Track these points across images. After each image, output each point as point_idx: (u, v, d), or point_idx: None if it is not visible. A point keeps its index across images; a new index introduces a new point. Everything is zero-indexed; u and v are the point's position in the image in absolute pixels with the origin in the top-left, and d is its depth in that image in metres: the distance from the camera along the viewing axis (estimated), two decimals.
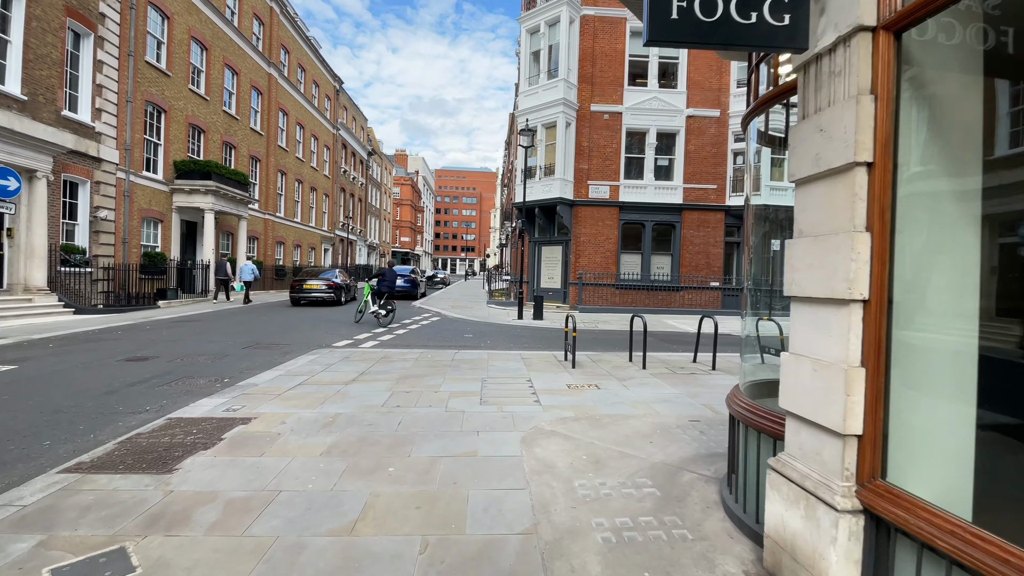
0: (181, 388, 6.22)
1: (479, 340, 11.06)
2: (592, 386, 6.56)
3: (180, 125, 19.40)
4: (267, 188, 26.29)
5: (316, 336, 10.93)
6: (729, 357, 9.07)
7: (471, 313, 16.88)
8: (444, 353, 8.92)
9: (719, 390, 6.55)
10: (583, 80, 18.70)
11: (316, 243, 33.87)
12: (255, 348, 9.20)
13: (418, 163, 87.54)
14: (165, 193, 18.77)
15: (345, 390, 6.12)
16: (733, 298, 18.93)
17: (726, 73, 18.95)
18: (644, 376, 7.34)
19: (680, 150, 18.93)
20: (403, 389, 6.20)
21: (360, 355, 8.55)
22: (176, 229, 19.42)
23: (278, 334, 11.06)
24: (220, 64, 21.84)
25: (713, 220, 18.92)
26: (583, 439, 4.47)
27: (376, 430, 4.65)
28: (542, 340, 11.33)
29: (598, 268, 18.57)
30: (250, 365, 7.67)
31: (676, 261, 18.97)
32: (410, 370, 7.37)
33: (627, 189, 18.76)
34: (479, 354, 8.90)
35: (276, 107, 26.91)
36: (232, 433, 4.52)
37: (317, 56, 33.49)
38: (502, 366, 7.83)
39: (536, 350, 9.81)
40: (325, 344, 9.89)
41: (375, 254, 51.68)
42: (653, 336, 12.12)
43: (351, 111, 41.81)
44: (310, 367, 7.48)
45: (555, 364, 8.10)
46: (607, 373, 7.48)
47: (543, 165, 18.89)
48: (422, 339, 10.98)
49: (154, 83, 18.06)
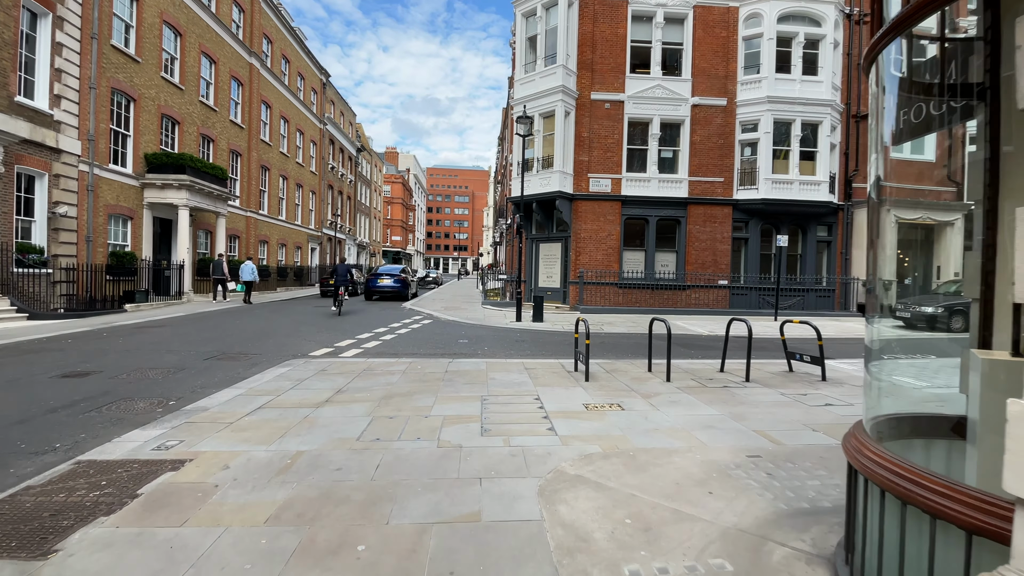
0: (112, 415, 5.07)
1: (475, 346, 9.95)
2: (615, 406, 5.48)
3: (151, 115, 18.10)
4: (249, 184, 24.99)
5: (293, 343, 9.77)
6: (760, 365, 8.03)
7: (465, 315, 15.77)
8: (436, 363, 7.80)
9: (764, 410, 5.50)
10: (583, 67, 17.63)
11: (302, 242, 32.57)
12: (218, 359, 8.03)
13: (409, 161, 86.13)
14: (135, 188, 17.47)
15: (314, 415, 5.00)
16: (741, 297, 17.95)
17: (733, 60, 17.96)
18: (671, 391, 6.27)
19: (685, 141, 17.92)
20: (386, 413, 5.09)
21: (339, 367, 7.41)
22: (148, 227, 18.12)
23: (250, 341, 9.88)
24: (196, 52, 20.53)
25: (720, 215, 17.92)
26: (620, 489, 3.39)
27: (346, 478, 3.54)
28: (545, 346, 10.24)
29: (599, 266, 17.52)
30: (207, 382, 6.51)
31: (681, 258, 17.96)
32: (396, 386, 6.25)
33: (629, 182, 17.72)
34: (476, 364, 7.80)
35: (258, 99, 25.61)
36: (154, 485, 3.39)
37: (302, 47, 32.18)
38: (504, 379, 6.73)
39: (540, 358, 8.72)
40: (301, 353, 8.73)
41: (365, 253, 50.36)
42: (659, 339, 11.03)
43: (339, 106, 40.48)
44: (277, 384, 6.34)
45: (565, 376, 7.01)
46: (627, 387, 6.41)
47: (541, 157, 17.80)
48: (412, 346, 9.85)
49: (121, 69, 16.76)
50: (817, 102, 17.57)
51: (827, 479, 3.61)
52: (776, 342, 11.19)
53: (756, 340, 11.88)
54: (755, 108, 17.66)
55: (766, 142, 17.51)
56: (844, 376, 7.45)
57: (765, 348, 10.29)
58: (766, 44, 17.56)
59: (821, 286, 18.48)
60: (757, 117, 17.66)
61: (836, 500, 3.27)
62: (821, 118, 17.68)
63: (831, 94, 17.82)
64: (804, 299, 18.15)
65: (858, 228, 18.61)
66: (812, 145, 17.98)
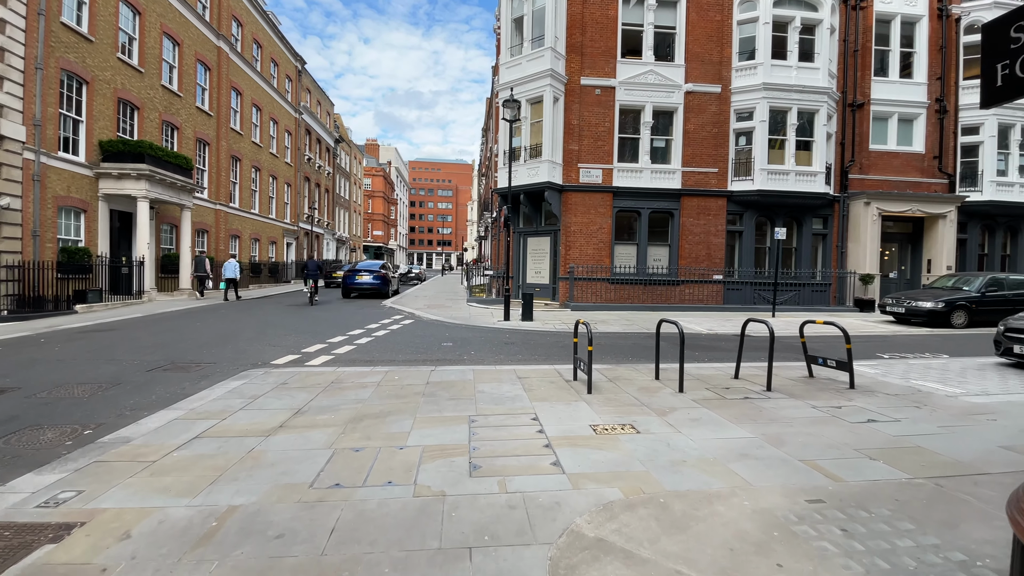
0: (8, 450, 4.05)
1: (460, 350, 9.03)
2: (627, 427, 4.63)
3: (107, 99, 16.70)
4: (218, 175, 23.58)
5: (256, 349, 8.73)
6: (775, 369, 7.24)
7: (449, 314, 14.81)
8: (416, 372, 6.87)
9: (802, 430, 4.70)
10: (572, 50, 16.70)
11: (277, 237, 31.16)
12: (164, 371, 6.98)
13: (390, 153, 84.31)
14: (89, 178, 16.10)
15: (262, 448, 4.04)
16: (736, 292, 17.30)
17: (728, 45, 17.21)
18: (687, 405, 5.44)
19: (678, 130, 17.14)
20: (351, 443, 4.15)
21: (303, 379, 6.43)
22: (104, 220, 16.76)
23: (207, 347, 8.81)
24: (157, 32, 19.09)
25: (715, 207, 17.21)
26: (660, 561, 2.52)
27: (288, 551, 2.61)
28: (537, 349, 9.36)
29: (590, 260, 16.69)
30: (141, 401, 5.49)
31: (674, 252, 17.22)
32: (367, 404, 5.31)
33: (621, 173, 16.89)
34: (462, 372, 6.88)
35: (228, 85, 24.15)
36: (16, 572, 2.42)
37: (276, 33, 30.65)
38: (494, 392, 5.83)
39: (533, 363, 7.84)
40: (262, 361, 7.72)
41: (345, 248, 48.89)
42: (664, 340, 10.28)
43: (315, 94, 38.93)
44: (225, 403, 5.35)
45: (564, 387, 6.14)
46: (637, 401, 5.56)
47: (528, 146, 16.85)
48: (389, 351, 8.89)
49: (72, 49, 15.36)
50: (814, 89, 16.93)
51: (920, 537, 2.79)
52: (785, 342, 10.49)
53: (758, 339, 11.15)
54: (750, 95, 16.95)
55: (762, 131, 16.82)
56: (871, 383, 6.71)
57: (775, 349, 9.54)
58: (762, 29, 16.84)
59: (816, 280, 17.93)
60: (752, 105, 16.96)
61: (943, 573, 2.45)
62: (818, 106, 17.06)
63: (828, 81, 17.20)
64: (799, 294, 17.58)
65: (854, 221, 18.09)
66: (808, 135, 17.36)
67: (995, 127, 18.50)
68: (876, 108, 18.57)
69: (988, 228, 19.66)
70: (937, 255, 18.48)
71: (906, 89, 18.83)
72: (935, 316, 13.02)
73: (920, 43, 18.98)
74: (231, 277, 19.18)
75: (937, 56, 18.92)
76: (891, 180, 18.51)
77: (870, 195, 17.65)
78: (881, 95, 18.61)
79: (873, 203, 17.64)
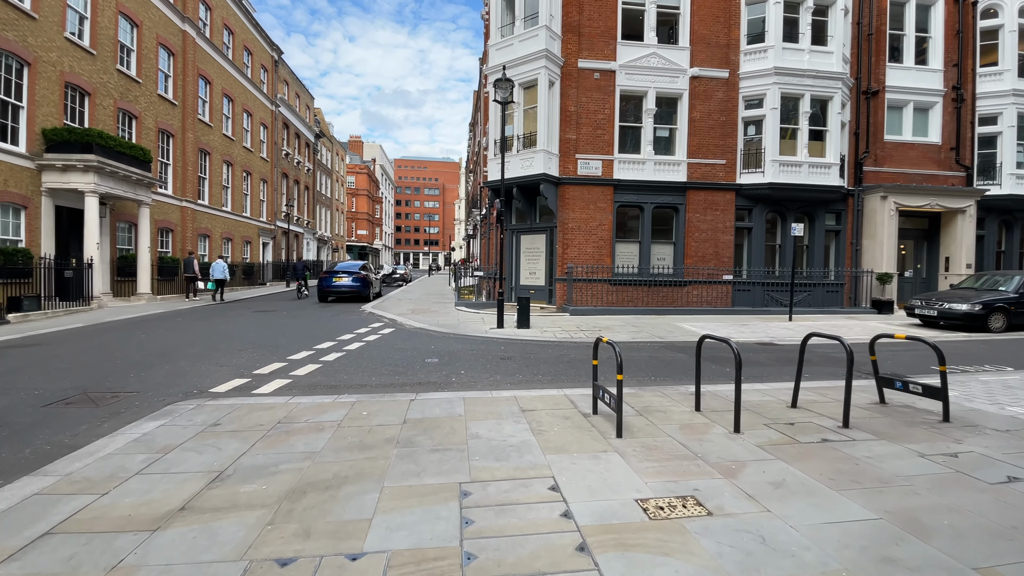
0: None
1: (448, 369, 7.55)
2: (690, 503, 3.20)
3: (52, 83, 14.93)
4: (184, 170, 21.78)
5: (198, 370, 7.18)
6: (827, 391, 5.88)
7: (435, 320, 13.32)
8: (390, 404, 5.39)
9: (932, 497, 3.32)
10: (568, 30, 15.28)
11: (252, 236, 29.34)
12: (68, 404, 5.43)
13: (375, 151, 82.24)
14: (29, 171, 14.33)
15: (138, 558, 2.54)
16: (745, 293, 16.03)
17: (736, 27, 15.93)
18: (754, 454, 4.05)
19: (683, 118, 15.82)
20: (276, 547, 2.67)
21: (241, 417, 4.93)
22: (48, 218, 14.99)
23: (141, 367, 7.24)
24: (112, 11, 17.32)
25: (722, 202, 15.92)
26: None
27: None
28: (539, 365, 7.92)
29: (590, 260, 15.30)
30: (8, 458, 3.95)
31: (680, 251, 15.90)
32: (317, 463, 3.83)
33: (622, 165, 15.52)
34: (450, 404, 5.42)
35: (194, 72, 22.35)
36: None
37: (250, 19, 28.82)
38: (493, 437, 4.39)
39: (538, 386, 6.40)
40: (200, 388, 6.19)
41: (327, 248, 47.02)
42: (675, 349, 8.88)
43: (293, 86, 37.07)
44: (121, 461, 3.85)
45: (583, 426, 4.71)
46: (684, 448, 4.15)
47: (522, 135, 15.39)
48: (361, 370, 7.38)
49: (11, 26, 13.63)
50: (828, 75, 15.72)
51: None
52: (821, 353, 9.18)
53: (781, 348, 9.84)
54: (760, 81, 15.69)
55: (773, 119, 15.57)
56: (963, 411, 5.37)
57: (807, 361, 8.22)
58: (772, 9, 15.58)
59: (830, 280, 16.74)
60: (763, 91, 15.69)
61: None
62: (832, 93, 15.85)
63: (842, 67, 16.01)
64: (812, 294, 16.38)
65: (869, 216, 16.92)
66: (821, 124, 16.15)
67: (1014, 116, 17.47)
68: (891, 96, 17.44)
69: (1006, 224, 18.66)
70: (955, 252, 17.40)
71: (922, 76, 17.74)
72: (972, 319, 11.84)
73: (936, 28, 17.90)
74: (220, 278, 19.04)
75: (953, 42, 17.85)
76: (907, 173, 17.39)
77: (887, 188, 16.49)
78: (896, 82, 17.48)
79: (890, 197, 16.48)
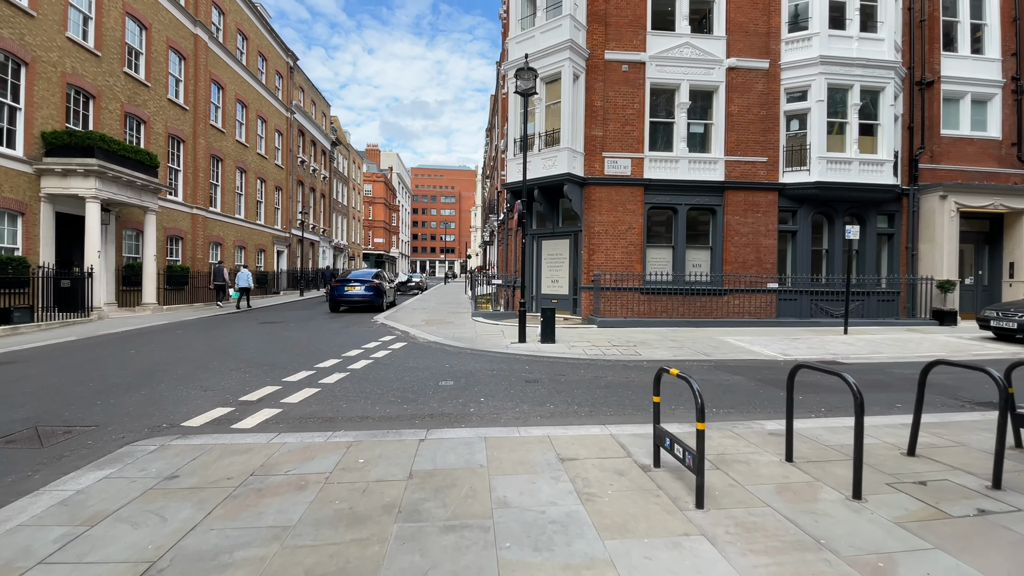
0: None
1: (465, 395, 6.43)
2: None
3: (52, 85, 14.35)
4: (195, 176, 21.19)
5: (177, 395, 6.18)
6: (936, 428, 4.59)
7: (451, 333, 12.25)
8: (395, 448, 4.29)
9: None
10: (594, 19, 14.21)
11: (266, 244, 28.73)
12: (7, 443, 4.46)
13: (392, 159, 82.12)
14: (28, 176, 13.72)
15: None
16: (790, 303, 14.64)
17: (776, 13, 14.69)
18: (900, 539, 2.84)
19: (720, 112, 14.59)
20: None
21: (206, 466, 3.88)
22: (48, 225, 14.35)
23: (111, 392, 6.27)
24: (119, 12, 16.78)
25: (764, 203, 14.60)
26: None
27: None
28: (573, 391, 6.75)
29: (618, 267, 14.10)
30: None
31: (718, 256, 14.60)
32: (285, 548, 2.74)
33: (654, 163, 14.33)
34: (468, 448, 4.29)
35: (207, 77, 21.82)
36: None
37: (264, 25, 28.41)
38: (527, 505, 3.26)
39: (575, 421, 5.25)
40: (171, 421, 5.17)
41: (343, 256, 46.47)
42: (728, 370, 7.52)
43: (309, 93, 36.65)
44: (27, 539, 2.82)
45: (645, 487, 3.55)
46: (797, 530, 2.97)
47: (544, 132, 14.31)
48: (364, 397, 6.30)
49: (7, 23, 13.06)
50: (879, 64, 14.37)
51: None
52: (899, 374, 7.83)
53: (851, 368, 8.46)
54: (804, 71, 14.40)
55: (819, 112, 14.24)
56: None
57: (885, 385, 6.89)
58: None
59: (882, 288, 15.25)
60: (807, 82, 14.40)
61: None
62: (884, 83, 14.48)
63: (894, 55, 14.63)
64: (863, 304, 14.91)
65: (926, 217, 15.42)
66: (872, 117, 14.77)
67: None
68: (946, 87, 15.96)
69: None
70: (1021, 257, 15.77)
71: (979, 66, 16.24)
72: None
73: (991, 15, 16.41)
74: (244, 286, 19.91)
75: (1011, 29, 16.33)
76: (965, 171, 15.86)
77: (947, 187, 14.99)
78: (951, 72, 16.02)
79: (951, 196, 14.98)
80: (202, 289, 21.25)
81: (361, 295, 17.59)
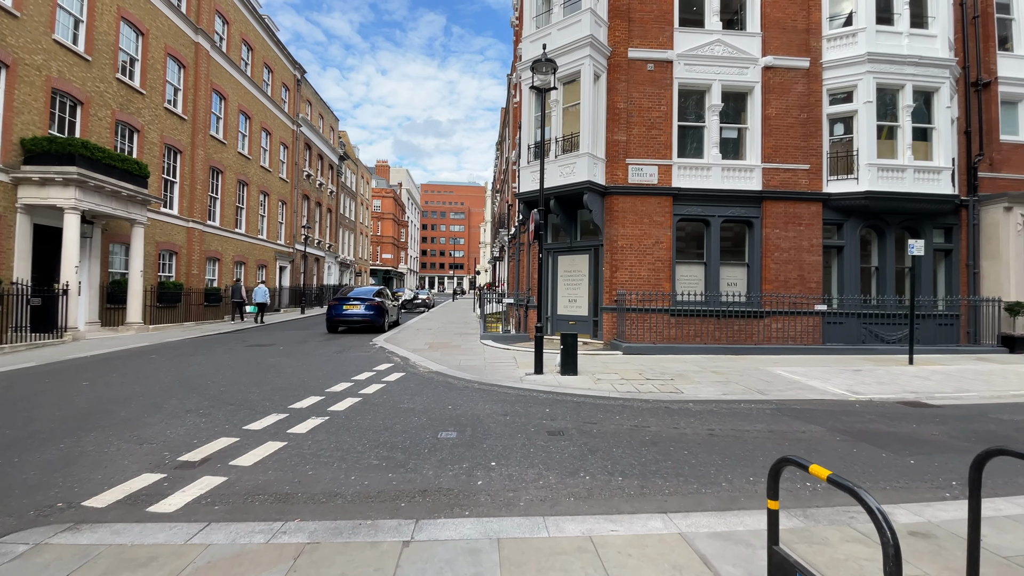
0: None
1: (471, 457, 4.97)
2: None
3: (34, 88, 13.39)
4: (192, 188, 20.18)
5: (106, 451, 4.79)
6: None
7: (457, 360, 10.82)
8: (363, 559, 2.86)
9: None
10: (616, 14, 13.01)
11: (268, 260, 27.64)
12: None
13: (402, 175, 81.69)
14: (3, 185, 12.71)
15: None
16: (837, 327, 13.04)
17: (816, 8, 13.40)
18: None
19: (755, 116, 13.23)
20: None
21: None
22: (24, 238, 13.27)
23: (26, 444, 4.91)
24: (112, 16, 15.93)
25: (807, 214, 13.13)
26: None
27: None
28: (612, 448, 5.25)
29: (644, 285, 12.64)
30: None
31: (756, 274, 13.11)
32: None
33: (683, 171, 12.96)
34: (473, 564, 2.85)
35: (208, 87, 20.97)
36: None
37: (271, 37, 27.75)
38: None
39: (629, 513, 3.75)
40: (69, 499, 3.78)
41: (350, 272, 45.42)
42: (793, 415, 5.81)
43: (316, 107, 35.95)
44: None
45: None
46: None
47: (561, 137, 13.01)
48: (339, 456, 4.86)
49: None
50: (933, 62, 12.97)
51: None
52: (995, 418, 6.27)
53: (943, 412, 6.85)
54: (850, 71, 13.03)
55: (867, 115, 12.83)
56: None
57: (995, 438, 5.39)
58: None
59: (939, 311, 13.62)
60: (853, 82, 13.02)
61: None
62: (939, 84, 13.06)
63: (948, 53, 13.24)
64: (921, 328, 13.24)
65: (989, 231, 13.82)
66: (926, 120, 13.33)
67: None
68: (1004, 89, 14.49)
69: None
70: None
71: None
72: None
73: None
74: (261, 302, 20.76)
75: None
76: None
77: (1012, 198, 13.42)
78: (1008, 73, 14.56)
79: (1016, 208, 13.39)
80: (196, 307, 20.09)
81: (361, 315, 16.27)
